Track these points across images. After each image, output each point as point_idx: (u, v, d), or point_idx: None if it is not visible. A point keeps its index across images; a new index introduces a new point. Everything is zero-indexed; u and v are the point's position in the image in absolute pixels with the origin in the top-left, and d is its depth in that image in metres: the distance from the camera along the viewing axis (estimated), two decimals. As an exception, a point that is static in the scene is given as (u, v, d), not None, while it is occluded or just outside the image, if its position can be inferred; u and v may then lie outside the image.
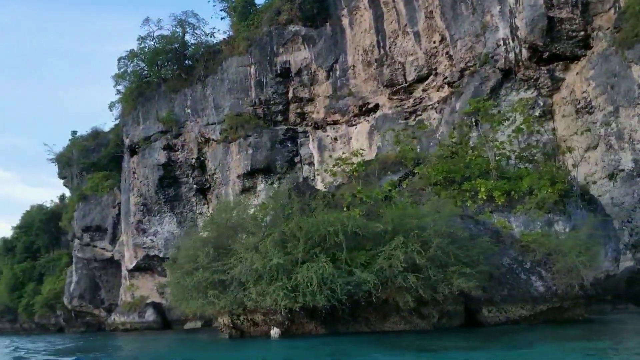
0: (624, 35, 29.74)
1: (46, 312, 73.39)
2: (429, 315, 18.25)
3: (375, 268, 16.80)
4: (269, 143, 44.03)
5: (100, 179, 57.61)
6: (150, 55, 48.91)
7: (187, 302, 19.58)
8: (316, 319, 17.92)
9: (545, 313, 19.30)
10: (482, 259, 17.86)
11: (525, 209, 20.54)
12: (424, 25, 39.13)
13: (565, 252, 18.51)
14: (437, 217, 17.97)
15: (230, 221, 20.70)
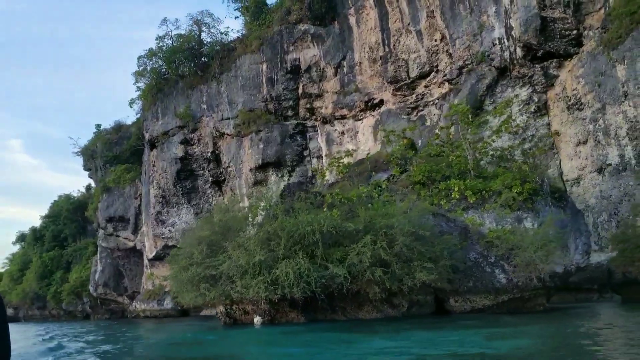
0: (610, 36, 31.67)
1: (73, 300, 77.09)
2: (399, 305, 20.89)
3: (348, 263, 19.35)
4: (279, 137, 46.55)
5: (122, 172, 60.95)
6: (168, 53, 51.84)
7: (183, 294, 22.45)
8: (297, 308, 20.70)
9: (507, 303, 21.75)
10: (445, 254, 20.37)
11: (494, 207, 22.84)
12: (425, 24, 41.23)
13: (525, 248, 20.84)
14: (405, 217, 20.42)
15: (223, 221, 23.43)
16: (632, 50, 30.29)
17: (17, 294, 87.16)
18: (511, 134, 31.70)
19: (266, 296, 19.62)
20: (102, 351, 16.85)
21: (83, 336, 25.57)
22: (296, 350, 13.53)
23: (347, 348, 13.05)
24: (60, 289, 78.70)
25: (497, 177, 25.07)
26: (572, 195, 35.50)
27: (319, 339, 15.50)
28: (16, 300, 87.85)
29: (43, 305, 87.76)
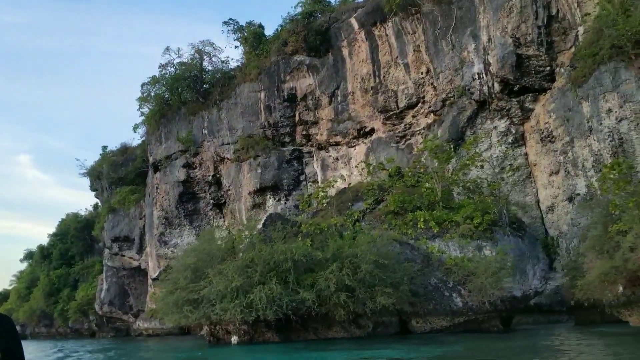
0: (576, 75, 34.92)
1: (80, 317, 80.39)
2: (365, 325, 24.18)
3: (317, 288, 22.64)
4: (276, 162, 50.01)
5: (127, 193, 64.59)
6: (171, 81, 55.59)
7: (168, 316, 25.85)
8: (272, 329, 23.98)
9: (463, 324, 24.96)
10: (405, 280, 23.58)
11: (454, 237, 26.07)
12: (412, 58, 44.66)
13: (478, 274, 24.04)
14: (369, 246, 23.71)
15: (207, 249, 26.84)
16: (594, 89, 33.44)
17: (25, 312, 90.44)
18: (478, 167, 34.72)
19: (242, 318, 22.95)
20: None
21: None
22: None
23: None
24: (67, 307, 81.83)
25: (462, 208, 28.24)
26: (547, 221, 38.76)
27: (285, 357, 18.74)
28: (23, 318, 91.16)
29: (50, 323, 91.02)
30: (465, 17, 41.35)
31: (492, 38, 39.82)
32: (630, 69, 32.13)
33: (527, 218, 40.57)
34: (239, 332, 25.22)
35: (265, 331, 24.87)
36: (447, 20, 42.26)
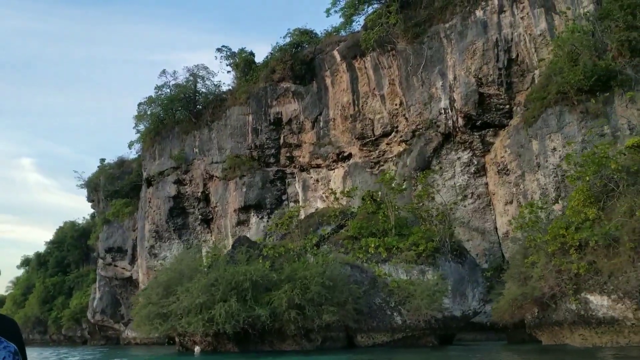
0: (528, 115, 39.27)
1: (73, 325, 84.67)
2: (315, 339, 28.51)
3: (271, 306, 26.97)
4: (260, 182, 54.49)
5: (121, 206, 69.12)
6: (166, 101, 60.27)
7: (140, 327, 30.23)
8: (232, 340, 28.29)
9: (402, 340, 29.29)
10: (350, 300, 27.86)
11: (398, 262, 30.39)
12: (388, 90, 49.10)
13: (416, 296, 28.34)
14: (319, 269, 28.04)
15: (178, 269, 31.26)
16: (542, 129, 37.76)
17: (19, 318, 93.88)
18: (429, 200, 38.97)
19: (203, 330, 27.33)
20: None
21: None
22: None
23: None
24: (61, 314, 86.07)
25: (411, 236, 32.56)
26: (504, 247, 43.02)
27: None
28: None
29: (44, 330, 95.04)
30: (435, 56, 45.74)
31: (457, 77, 44.23)
32: (573, 113, 36.43)
33: (486, 243, 45.00)
34: (203, 343, 29.61)
35: (226, 342, 29.19)
36: (418, 58, 46.64)
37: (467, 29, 44.11)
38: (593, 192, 24.93)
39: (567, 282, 23.64)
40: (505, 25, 42.83)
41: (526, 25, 42.28)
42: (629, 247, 21.68)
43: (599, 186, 24.84)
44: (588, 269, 22.99)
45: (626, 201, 22.84)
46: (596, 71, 35.12)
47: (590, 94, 35.76)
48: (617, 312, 21.96)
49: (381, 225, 34.20)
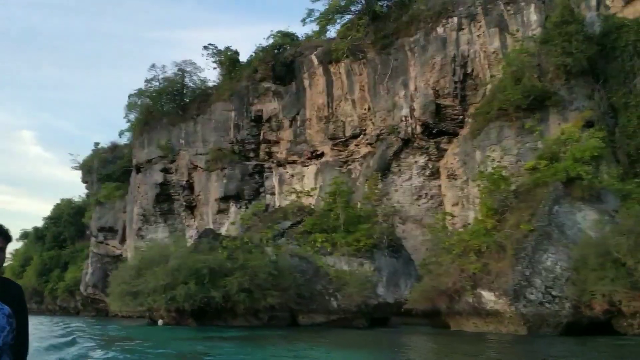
0: (474, 127, 43.74)
1: (67, 297, 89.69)
2: (262, 318, 33.34)
3: (225, 289, 31.81)
4: (240, 175, 59.05)
5: (112, 189, 73.94)
6: (155, 94, 64.58)
7: (113, 303, 35.23)
8: (192, 316, 33.18)
9: (337, 321, 34.13)
10: (293, 285, 32.70)
11: (340, 254, 35.18)
12: (358, 95, 53.58)
13: (350, 284, 33.17)
14: (268, 260, 32.86)
15: (149, 255, 36.14)
16: (484, 141, 42.22)
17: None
18: (378, 202, 43.65)
19: (166, 307, 32.29)
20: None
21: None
22: (162, 333, 25.90)
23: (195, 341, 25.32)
24: (57, 286, 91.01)
25: (355, 232, 37.31)
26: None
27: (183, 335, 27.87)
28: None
29: (41, 300, 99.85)
30: (400, 67, 50.17)
31: (418, 88, 48.69)
32: (511, 128, 40.87)
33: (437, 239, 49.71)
34: (167, 318, 34.61)
35: (187, 318, 34.08)
36: (385, 68, 51.09)
37: (429, 44, 48.46)
38: (494, 205, 29.60)
39: (466, 279, 28.31)
40: (463, 42, 47.15)
41: (482, 43, 46.65)
42: (511, 254, 26.42)
43: (498, 201, 29.51)
44: (482, 269, 27.67)
45: (514, 215, 27.53)
46: (534, 91, 39.53)
47: (527, 112, 40.21)
48: (499, 306, 26.69)
49: (332, 222, 38.92)
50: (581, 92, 39.81)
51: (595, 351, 20.97)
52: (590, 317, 25.53)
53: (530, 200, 28.04)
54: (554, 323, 25.78)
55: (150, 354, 20.20)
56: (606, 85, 39.92)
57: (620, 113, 39.35)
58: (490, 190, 30.11)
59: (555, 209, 27.05)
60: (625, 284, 23.57)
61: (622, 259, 23.65)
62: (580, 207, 27.21)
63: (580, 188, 27.27)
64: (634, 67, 39.12)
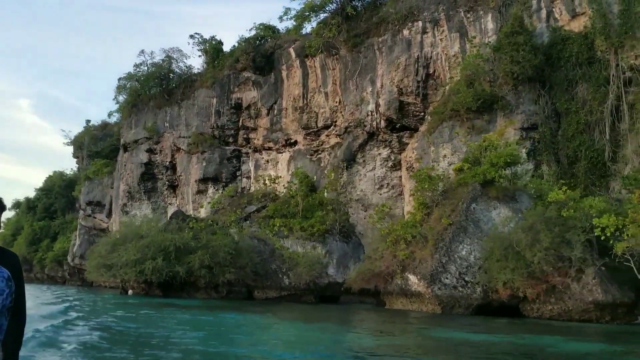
0: (429, 125, 47.44)
1: (55, 266, 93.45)
2: (221, 291, 37.17)
3: (188, 265, 35.68)
4: (218, 159, 62.67)
5: (101, 166, 77.56)
6: (143, 78, 67.98)
7: (90, 274, 39.15)
8: (158, 288, 37.09)
9: (288, 296, 38.05)
10: (250, 264, 36.56)
11: (295, 238, 39.03)
12: (331, 89, 57.11)
13: (301, 265, 37.05)
14: (229, 240, 36.68)
15: (123, 232, 39.96)
16: (438, 139, 45.94)
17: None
18: (333, 191, 47.42)
19: (135, 279, 36.20)
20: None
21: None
22: (136, 302, 29.83)
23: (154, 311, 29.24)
24: (46, 256, 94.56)
25: (312, 218, 41.13)
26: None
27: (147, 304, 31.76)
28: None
29: (30, 268, 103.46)
30: (368, 65, 53.70)
31: (383, 85, 52.23)
32: (462, 128, 44.54)
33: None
34: (137, 288, 38.59)
35: (154, 289, 38.02)
36: (355, 65, 54.63)
37: (395, 45, 51.97)
38: (425, 201, 33.43)
39: (397, 264, 32.19)
40: (426, 45, 50.69)
41: (443, 46, 50.18)
42: (432, 244, 30.28)
43: (428, 197, 33.34)
44: (409, 256, 31.52)
45: (439, 211, 31.37)
46: (483, 95, 43.27)
47: (477, 114, 43.96)
48: (420, 288, 30.58)
49: (292, 208, 42.77)
50: (528, 97, 43.48)
51: (481, 325, 24.83)
52: (499, 300, 29.47)
53: (453, 198, 31.86)
54: (465, 304, 29.69)
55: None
56: (551, 92, 43.61)
57: (563, 118, 43.10)
58: (422, 187, 33.71)
59: (472, 207, 30.84)
60: (522, 274, 27.40)
61: (521, 252, 27.44)
62: (496, 205, 30.98)
63: (496, 189, 31.04)
64: (576, 76, 42.72)
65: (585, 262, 27.00)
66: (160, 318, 23.91)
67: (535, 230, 27.41)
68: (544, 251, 26.76)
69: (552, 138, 42.74)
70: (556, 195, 28.37)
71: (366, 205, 52.71)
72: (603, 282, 26.64)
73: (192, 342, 16.22)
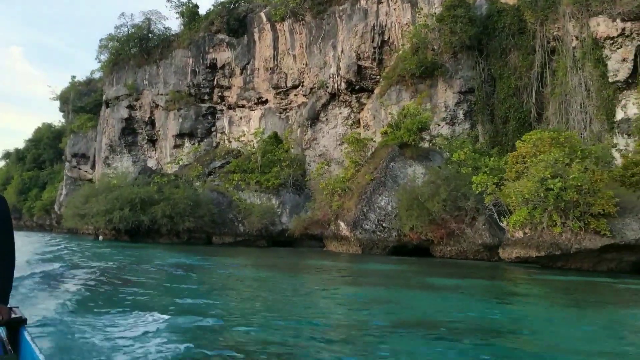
0: (381, 89, 53.41)
1: (43, 215, 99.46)
2: (182, 237, 43.79)
3: (152, 215, 42.16)
4: (194, 115, 68.69)
5: (85, 120, 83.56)
6: (124, 38, 73.54)
7: (66, 222, 45.67)
8: (126, 234, 43.68)
9: (242, 242, 44.67)
10: (208, 214, 43.01)
11: (251, 191, 45.43)
12: (298, 52, 62.84)
13: (254, 214, 43.55)
14: (189, 193, 43.08)
15: (95, 187, 46.37)
16: (387, 101, 51.93)
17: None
18: (298, 147, 53.61)
19: (104, 227, 42.80)
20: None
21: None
22: (103, 245, 36.51)
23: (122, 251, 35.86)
24: (34, 204, 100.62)
25: (268, 173, 47.48)
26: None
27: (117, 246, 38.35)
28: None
29: (19, 216, 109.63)
30: (331, 31, 59.39)
31: (344, 50, 58.01)
32: (407, 92, 50.53)
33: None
34: (109, 234, 45.26)
35: (123, 235, 44.73)
36: (319, 31, 60.31)
37: (354, 14, 57.60)
38: (357, 159, 39.75)
39: (331, 213, 38.72)
40: (382, 14, 56.33)
41: (397, 16, 55.81)
42: (356, 196, 36.74)
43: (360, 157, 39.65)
44: (340, 207, 38.04)
45: (364, 168, 37.74)
46: (425, 62, 49.06)
47: (420, 79, 49.90)
48: (347, 233, 37.17)
49: (252, 164, 49.14)
50: (466, 64, 49.38)
51: (383, 260, 31.33)
52: (412, 243, 36.05)
53: (376, 158, 38.26)
54: (382, 246, 36.31)
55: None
56: (488, 59, 49.55)
57: (497, 82, 49.05)
58: (352, 148, 39.95)
59: (391, 165, 37.21)
60: (425, 221, 33.89)
61: (424, 202, 33.89)
62: (411, 163, 37.35)
63: (411, 150, 37.35)
64: (509, 45, 48.59)
65: (479, 212, 33.35)
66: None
67: (437, 185, 33.71)
68: (442, 202, 33.09)
69: (487, 100, 48.81)
70: (458, 155, 34.61)
71: (329, 160, 58.95)
72: (492, 228, 33.01)
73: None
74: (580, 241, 25.24)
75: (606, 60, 41.00)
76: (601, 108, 40.59)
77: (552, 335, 11.10)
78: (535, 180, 25.72)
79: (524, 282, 22.26)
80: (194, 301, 13.55)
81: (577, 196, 24.72)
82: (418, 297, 16.39)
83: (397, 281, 21.30)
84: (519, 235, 27.80)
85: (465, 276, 23.96)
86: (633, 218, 25.07)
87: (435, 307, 14.35)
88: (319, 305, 14.62)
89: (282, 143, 54.90)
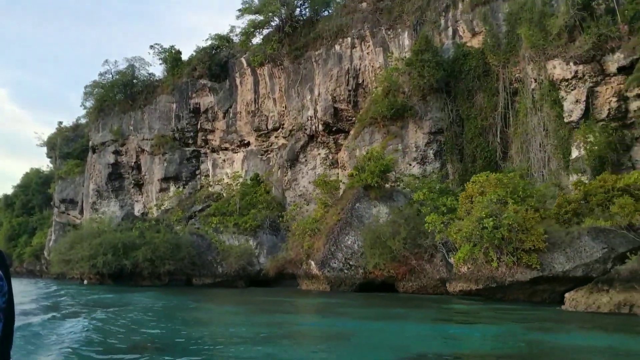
0: (355, 130, 57.04)
1: (33, 260, 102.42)
2: (163, 279, 47.01)
3: (134, 259, 45.45)
4: (179, 159, 72.28)
5: (73, 166, 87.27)
6: (108, 85, 77.57)
7: (53, 267, 48.95)
8: (110, 278, 46.91)
9: (221, 282, 47.83)
10: (187, 257, 46.31)
11: (229, 233, 48.74)
12: (278, 95, 66.71)
13: (232, 255, 46.84)
14: (172, 236, 46.43)
15: (80, 232, 49.76)
16: (361, 142, 55.47)
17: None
18: (279, 187, 57.12)
19: (89, 271, 46.05)
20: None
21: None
22: (83, 290, 39.74)
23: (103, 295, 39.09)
24: (24, 250, 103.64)
25: (246, 216, 50.86)
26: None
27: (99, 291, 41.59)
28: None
29: (9, 263, 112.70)
30: (308, 75, 63.31)
31: (320, 93, 61.86)
32: (379, 133, 54.10)
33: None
34: (93, 279, 48.51)
35: (106, 279, 47.93)
36: (296, 75, 64.24)
37: (329, 58, 61.58)
38: (326, 201, 43.17)
39: (303, 253, 42.00)
40: (355, 58, 60.29)
41: (370, 59, 59.76)
42: (325, 235, 40.10)
43: (329, 198, 43.07)
44: (311, 246, 41.34)
45: (333, 209, 41.16)
46: (396, 105, 52.65)
47: (391, 121, 53.51)
48: (316, 271, 40.43)
49: (231, 207, 52.56)
50: (435, 105, 52.98)
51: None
52: (378, 280, 39.20)
53: (343, 199, 41.69)
54: (350, 283, 39.50)
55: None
56: (455, 100, 53.20)
57: (465, 123, 52.62)
58: (321, 190, 43.39)
59: (357, 206, 40.60)
60: (387, 258, 37.15)
61: (386, 241, 37.19)
62: (376, 204, 40.72)
63: (375, 191, 40.77)
64: (475, 86, 52.20)
65: (436, 249, 36.62)
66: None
67: (398, 224, 37.06)
68: (402, 240, 36.37)
69: (456, 140, 52.28)
70: (417, 196, 38.03)
71: (308, 200, 62.36)
72: (448, 264, 36.23)
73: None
74: (513, 274, 28.49)
75: (562, 101, 44.47)
76: (558, 147, 43.99)
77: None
78: (474, 219, 29.12)
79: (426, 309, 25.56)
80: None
81: (509, 234, 28.06)
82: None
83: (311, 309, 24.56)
84: (464, 270, 31.04)
85: (388, 307, 27.26)
86: (561, 252, 28.31)
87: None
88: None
89: (262, 184, 58.42)
